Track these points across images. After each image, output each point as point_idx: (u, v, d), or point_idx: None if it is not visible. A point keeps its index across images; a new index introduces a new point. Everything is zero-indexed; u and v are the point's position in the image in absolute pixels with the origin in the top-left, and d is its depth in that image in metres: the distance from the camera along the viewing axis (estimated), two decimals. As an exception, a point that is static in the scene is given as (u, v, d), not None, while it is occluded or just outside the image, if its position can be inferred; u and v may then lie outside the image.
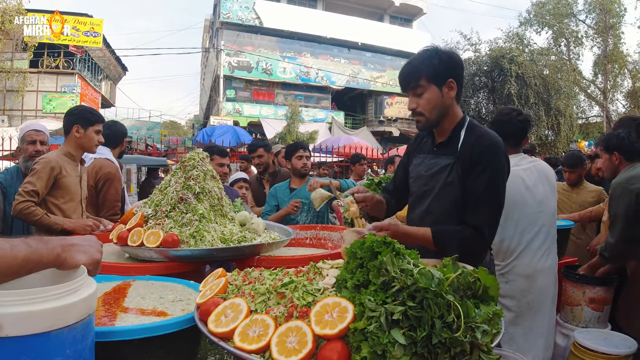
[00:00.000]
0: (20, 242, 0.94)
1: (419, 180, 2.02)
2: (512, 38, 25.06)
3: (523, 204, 2.65)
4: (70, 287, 0.93)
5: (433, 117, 1.91)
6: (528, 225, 2.66)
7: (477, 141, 1.85)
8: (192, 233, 2.15)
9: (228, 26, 27.48)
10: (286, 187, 3.96)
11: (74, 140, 2.98)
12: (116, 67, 29.83)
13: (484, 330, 0.86)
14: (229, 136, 16.46)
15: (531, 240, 2.66)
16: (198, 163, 2.47)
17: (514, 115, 2.79)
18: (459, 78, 1.91)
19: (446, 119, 1.94)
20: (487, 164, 1.81)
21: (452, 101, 1.92)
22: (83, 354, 0.98)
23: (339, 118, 28.23)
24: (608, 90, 25.54)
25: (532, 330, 2.68)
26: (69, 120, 2.98)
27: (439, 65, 1.84)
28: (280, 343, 0.95)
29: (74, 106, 3.20)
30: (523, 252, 2.65)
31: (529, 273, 2.65)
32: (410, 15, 33.38)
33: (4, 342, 0.84)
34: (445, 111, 1.91)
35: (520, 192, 2.65)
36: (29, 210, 2.63)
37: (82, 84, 22.31)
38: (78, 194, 2.98)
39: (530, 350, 2.65)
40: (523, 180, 2.69)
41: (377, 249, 0.99)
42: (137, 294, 1.69)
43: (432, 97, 1.87)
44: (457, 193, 1.86)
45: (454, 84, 1.88)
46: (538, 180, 2.73)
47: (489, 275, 0.98)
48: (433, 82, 1.86)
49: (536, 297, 2.67)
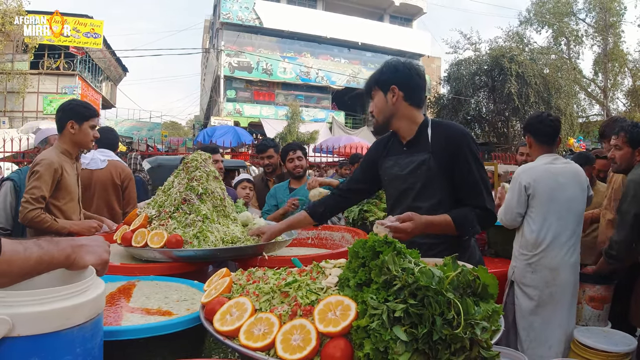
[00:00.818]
0: (32, 244, 0.96)
1: (396, 180, 2.12)
2: (512, 37, 25.06)
3: (553, 200, 2.78)
4: (80, 288, 0.96)
5: (380, 119, 2.13)
6: (556, 221, 2.78)
7: (448, 132, 2.02)
8: (195, 234, 2.17)
9: (228, 26, 27.50)
10: (286, 187, 4.00)
11: (69, 136, 2.85)
12: (116, 68, 29.89)
13: (483, 327, 0.88)
14: (230, 136, 16.46)
15: (558, 235, 2.77)
16: (201, 164, 2.49)
17: (544, 116, 2.98)
18: (405, 84, 2.05)
19: (399, 121, 2.10)
20: (468, 151, 1.98)
21: (401, 105, 2.06)
22: (92, 353, 1.00)
23: (340, 118, 28.22)
24: (608, 89, 25.54)
25: (551, 322, 2.77)
26: (63, 116, 2.84)
27: (381, 75, 2.09)
28: (285, 341, 0.98)
29: (66, 101, 3.02)
30: (550, 246, 2.77)
31: (554, 266, 2.77)
32: (410, 14, 33.38)
33: (15, 342, 0.86)
34: (392, 114, 2.09)
35: (552, 188, 2.79)
36: (39, 219, 2.59)
37: (83, 85, 22.36)
38: (76, 193, 2.93)
39: (547, 340, 2.75)
40: (555, 178, 2.82)
41: (379, 248, 1.02)
42: (142, 294, 1.72)
43: (378, 101, 2.11)
44: (441, 184, 1.99)
45: (397, 89, 2.04)
46: (570, 180, 2.85)
47: (488, 274, 1.00)
48: (380, 88, 2.09)
49: (558, 289, 2.77)
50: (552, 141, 2.96)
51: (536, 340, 2.79)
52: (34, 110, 20.92)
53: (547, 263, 2.77)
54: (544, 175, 2.81)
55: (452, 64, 24.48)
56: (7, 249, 0.88)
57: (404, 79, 2.06)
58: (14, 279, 0.93)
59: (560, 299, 2.78)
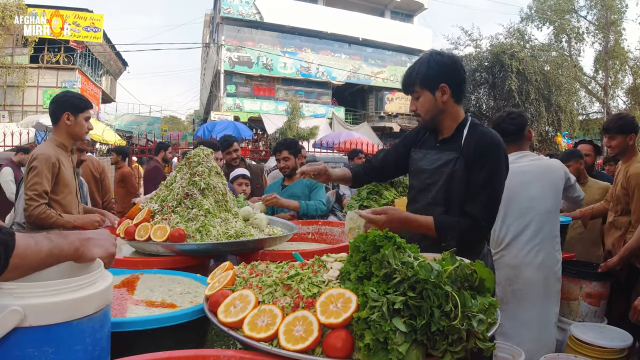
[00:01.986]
0: (43, 238, 0.99)
1: (422, 174, 2.10)
2: (513, 34, 24.96)
3: (512, 199, 2.76)
4: (89, 280, 0.99)
5: (428, 119, 2.05)
6: (515, 220, 2.79)
7: (480, 139, 1.95)
8: (198, 228, 2.21)
9: (228, 21, 27.42)
10: (279, 184, 4.11)
11: (65, 128, 2.83)
12: (116, 62, 29.81)
13: (479, 319, 0.92)
14: (230, 131, 16.38)
15: (519, 234, 2.79)
16: (203, 159, 2.53)
17: (504, 116, 2.98)
18: (453, 81, 2.00)
19: (445, 119, 2.04)
20: (488, 159, 1.92)
21: (449, 103, 2.02)
22: (101, 343, 1.03)
23: (340, 113, 28.20)
24: (609, 87, 25.49)
25: (517, 318, 2.78)
26: (58, 107, 2.81)
27: (428, 72, 1.98)
28: (288, 331, 1.01)
29: (60, 92, 2.99)
30: (510, 245, 2.80)
31: (515, 264, 2.78)
32: (411, 10, 33.29)
33: (27, 332, 0.89)
34: (440, 113, 2.03)
35: (512, 187, 2.71)
36: (45, 215, 2.60)
37: (83, 79, 22.31)
38: (74, 187, 2.92)
39: (514, 337, 2.76)
40: (516, 177, 2.75)
41: (380, 242, 1.05)
42: (145, 287, 1.75)
43: (425, 101, 2.02)
44: (463, 186, 1.95)
45: (447, 88, 1.98)
46: (535, 177, 2.82)
47: (485, 268, 1.03)
48: (426, 88, 2.00)
49: (522, 287, 2.77)
50: (517, 139, 2.92)
51: (503, 335, 2.80)
52: (33, 105, 20.89)
53: (507, 261, 2.79)
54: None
55: (453, 60, 24.40)
56: (20, 243, 0.91)
57: (453, 75, 2.01)
58: (26, 271, 0.96)
59: (525, 297, 2.77)
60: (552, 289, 2.85)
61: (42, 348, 0.90)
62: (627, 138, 3.22)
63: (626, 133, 3.22)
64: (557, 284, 2.88)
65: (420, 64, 2.01)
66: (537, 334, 2.80)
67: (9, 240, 0.88)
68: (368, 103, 32.18)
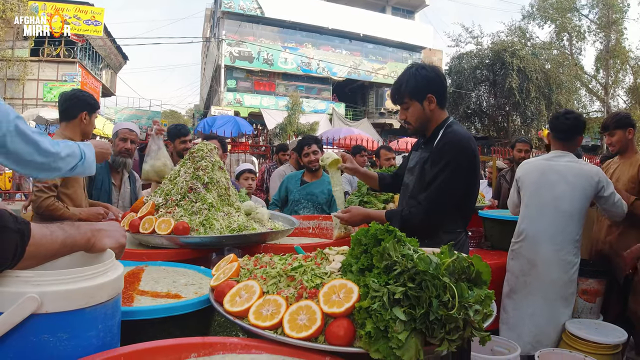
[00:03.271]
0: (57, 228, 1.03)
1: (407, 172, 2.37)
2: (514, 32, 24.93)
3: (535, 194, 2.89)
4: (103, 268, 1.03)
5: (417, 126, 2.28)
6: (536, 215, 2.87)
7: (448, 139, 2.16)
8: (201, 221, 2.25)
9: (229, 16, 27.37)
10: (298, 178, 4.01)
11: (79, 126, 2.90)
12: (117, 56, 29.74)
13: (476, 309, 0.96)
14: (230, 126, 16.45)
15: (538, 230, 2.86)
16: (206, 154, 2.56)
17: (561, 113, 3.08)
18: (438, 91, 2.22)
19: (432, 124, 2.27)
20: (444, 156, 2.11)
21: (435, 110, 2.23)
22: (113, 330, 1.08)
23: (340, 109, 28.20)
24: (609, 86, 25.45)
25: (522, 309, 2.86)
26: (76, 105, 2.87)
27: (416, 84, 2.19)
28: (292, 320, 1.05)
29: (75, 90, 3.06)
30: (528, 238, 2.88)
31: (530, 257, 2.86)
32: (412, 7, 33.23)
33: (43, 319, 0.92)
34: (428, 120, 2.25)
35: (538, 183, 2.89)
36: (54, 207, 2.66)
37: (83, 72, 22.27)
38: (82, 181, 2.99)
39: (517, 326, 2.86)
40: (543, 174, 2.89)
41: (381, 236, 1.09)
42: (150, 278, 1.78)
43: (415, 110, 2.23)
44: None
45: (433, 98, 2.20)
46: (563, 178, 2.86)
47: (482, 262, 1.08)
48: (415, 99, 2.21)
49: (533, 281, 2.84)
50: (565, 138, 2.99)
51: (507, 324, 2.92)
52: (34, 98, 20.85)
53: (525, 253, 2.88)
54: (532, 170, 2.92)
55: (454, 57, 24.42)
56: (35, 232, 0.94)
57: (438, 86, 2.23)
58: (41, 260, 0.99)
59: (534, 290, 2.83)
60: (565, 290, 2.86)
61: (56, 334, 0.94)
62: (626, 132, 3.28)
63: (624, 127, 3.29)
64: (572, 286, 2.89)
65: (407, 77, 2.22)
66: (540, 330, 2.84)
67: (25, 230, 0.91)
68: (368, 99, 32.19)
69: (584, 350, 2.58)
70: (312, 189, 3.83)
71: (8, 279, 0.91)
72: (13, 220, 0.89)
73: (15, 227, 0.89)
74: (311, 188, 3.84)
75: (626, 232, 3.25)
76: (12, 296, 0.89)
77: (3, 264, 0.88)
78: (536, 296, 2.84)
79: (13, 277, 0.91)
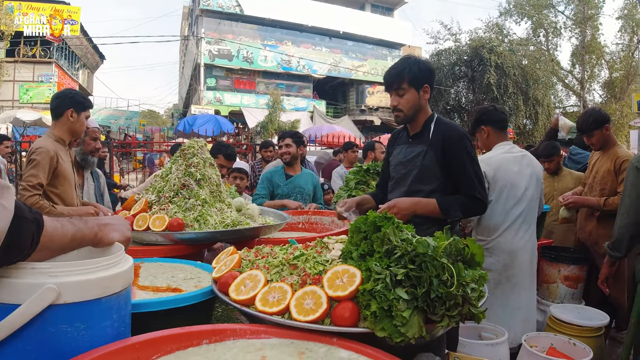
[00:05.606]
0: (66, 222, 1.04)
1: (399, 166, 2.42)
2: (492, 28, 25.36)
3: (512, 185, 2.94)
4: (116, 259, 1.06)
5: (410, 114, 2.34)
6: (514, 205, 2.94)
7: (448, 132, 2.29)
8: (195, 217, 2.27)
9: (208, 14, 27.16)
10: (282, 172, 4.04)
11: (67, 124, 2.92)
12: (93, 55, 29.26)
13: (472, 287, 1.03)
14: (211, 125, 16.38)
15: (515, 220, 2.92)
16: (197, 151, 2.59)
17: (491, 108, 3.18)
18: (432, 84, 2.35)
19: (421, 115, 2.36)
20: (463, 151, 2.26)
21: (426, 101, 2.34)
22: (125, 320, 1.11)
23: (321, 107, 28.26)
24: (585, 81, 26.10)
25: (509, 303, 2.92)
26: (63, 103, 2.90)
27: (418, 72, 2.27)
28: (298, 305, 1.10)
29: (64, 90, 3.09)
30: (507, 230, 2.92)
31: (511, 249, 2.90)
32: (391, 4, 33.48)
33: (61, 309, 0.94)
34: (420, 109, 2.35)
35: (511, 175, 2.95)
36: (38, 205, 2.63)
37: (59, 72, 21.86)
38: (73, 180, 2.98)
39: (508, 321, 2.89)
40: (514, 165, 2.98)
41: (380, 223, 1.15)
42: (149, 274, 1.80)
43: (411, 98, 2.30)
44: (436, 174, 2.28)
45: (429, 89, 2.32)
46: (526, 167, 3.00)
47: (476, 244, 1.15)
48: (413, 86, 2.28)
49: (517, 272, 2.91)
50: (502, 128, 3.14)
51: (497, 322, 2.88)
52: (10, 99, 20.39)
53: (504, 247, 2.90)
54: (503, 164, 2.96)
55: (433, 54, 24.71)
56: (48, 224, 0.95)
57: (433, 79, 2.35)
58: (52, 253, 1.01)
59: (517, 282, 2.92)
60: (534, 271, 3.04)
61: (74, 324, 0.96)
62: (603, 129, 3.42)
63: (600, 126, 3.42)
64: (536, 266, 3.07)
65: (410, 64, 2.28)
66: (525, 316, 2.95)
67: (39, 219, 0.93)
68: (349, 96, 32.32)
69: (568, 334, 2.69)
70: (299, 181, 3.91)
71: (25, 270, 0.92)
72: (28, 210, 0.91)
73: (31, 217, 0.90)
74: (298, 181, 3.92)
75: (604, 221, 3.39)
76: (31, 287, 0.90)
77: (20, 254, 0.89)
78: (519, 287, 2.93)
79: (29, 268, 0.92)
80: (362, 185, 3.54)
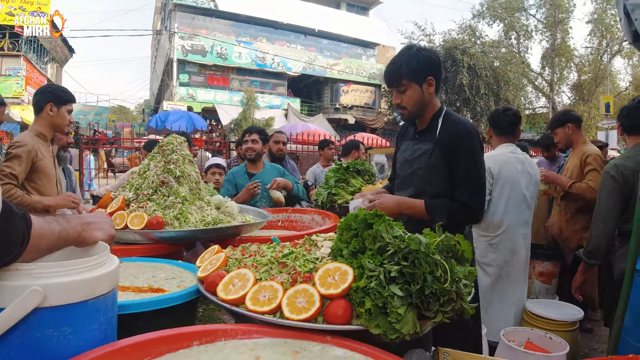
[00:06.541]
0: (52, 220, 1.00)
1: (405, 164, 2.25)
2: (465, 30, 25.79)
3: (515, 183, 3.02)
4: (102, 260, 1.02)
5: (414, 111, 2.16)
6: (517, 203, 3.02)
7: (453, 129, 2.09)
8: (175, 215, 2.22)
9: (182, 8, 26.67)
10: (244, 172, 3.92)
11: (47, 119, 2.92)
12: (63, 48, 28.29)
13: (464, 283, 1.04)
14: (184, 122, 16.14)
15: (517, 217, 3.01)
16: (177, 147, 2.54)
17: (501, 111, 3.26)
18: (437, 74, 2.14)
19: (427, 110, 2.17)
20: (466, 148, 2.06)
21: (432, 95, 2.14)
22: (112, 322, 1.07)
23: (295, 105, 28.16)
24: (555, 83, 26.83)
25: (506, 298, 3.01)
26: (42, 98, 2.90)
27: (417, 66, 2.08)
28: (291, 304, 1.09)
29: (45, 84, 3.13)
30: (510, 227, 3.00)
31: (513, 247, 3.00)
32: (366, 3, 33.60)
33: (47, 312, 0.89)
34: (425, 104, 2.15)
35: (515, 173, 3.03)
36: (9, 193, 2.61)
37: (28, 66, 21.09)
38: (54, 175, 2.96)
39: (505, 316, 2.99)
40: (516, 165, 3.06)
41: (371, 220, 1.15)
42: (129, 274, 1.75)
43: (413, 94, 2.11)
44: (443, 173, 2.09)
45: (433, 81, 2.12)
46: (526, 168, 3.10)
47: (465, 241, 1.16)
48: (414, 81, 2.10)
49: (515, 269, 3.01)
50: (509, 132, 3.20)
51: (494, 316, 3.01)
52: (-25, 94, 19.53)
53: (507, 244, 2.99)
54: (509, 161, 3.06)
55: (407, 54, 24.88)
56: (35, 222, 0.91)
57: (437, 69, 2.14)
58: (41, 253, 0.97)
59: (516, 278, 3.02)
60: (527, 268, 3.14)
61: (60, 328, 0.91)
62: (565, 128, 3.56)
63: (562, 124, 3.57)
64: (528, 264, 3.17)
65: (408, 58, 2.10)
66: (517, 310, 3.05)
67: (27, 216, 0.89)
68: (323, 95, 32.31)
69: (544, 328, 2.76)
70: (263, 178, 3.73)
71: (8, 272, 0.87)
72: (15, 206, 0.87)
73: (20, 213, 0.87)
74: (262, 178, 3.75)
75: (574, 218, 3.50)
76: (14, 290, 0.86)
77: (12, 251, 0.85)
78: (516, 283, 3.03)
79: (13, 270, 0.88)
80: (342, 183, 3.54)
